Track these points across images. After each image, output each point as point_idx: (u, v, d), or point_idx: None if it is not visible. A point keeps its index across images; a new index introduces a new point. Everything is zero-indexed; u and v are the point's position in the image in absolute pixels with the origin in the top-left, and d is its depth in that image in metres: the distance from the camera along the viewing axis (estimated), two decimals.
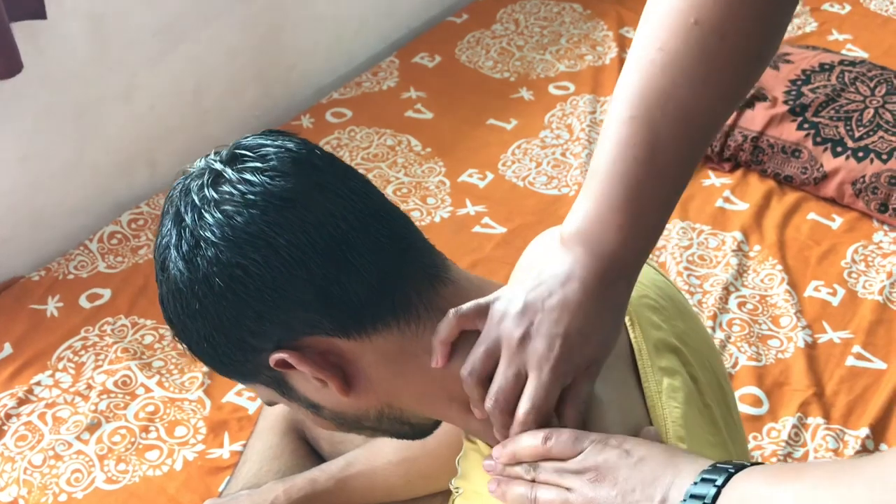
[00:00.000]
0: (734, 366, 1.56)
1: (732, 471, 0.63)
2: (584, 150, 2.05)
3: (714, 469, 0.64)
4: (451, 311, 0.75)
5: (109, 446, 1.48)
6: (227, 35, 2.05)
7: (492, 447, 0.79)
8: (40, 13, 1.64)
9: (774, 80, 2.00)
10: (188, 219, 0.73)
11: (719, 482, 0.62)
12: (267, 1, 2.11)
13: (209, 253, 0.71)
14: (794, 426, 1.46)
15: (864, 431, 1.45)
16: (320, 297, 0.72)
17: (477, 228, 1.87)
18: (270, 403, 0.84)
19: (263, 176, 0.72)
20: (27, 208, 1.82)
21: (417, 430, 0.83)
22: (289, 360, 0.73)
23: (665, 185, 0.75)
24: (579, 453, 0.70)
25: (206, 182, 0.73)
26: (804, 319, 1.64)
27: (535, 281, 0.74)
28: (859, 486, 0.54)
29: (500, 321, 0.74)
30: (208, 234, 0.72)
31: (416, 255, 0.77)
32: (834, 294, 1.70)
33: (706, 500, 0.62)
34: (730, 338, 1.61)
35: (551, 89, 2.26)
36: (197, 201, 0.73)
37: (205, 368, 1.59)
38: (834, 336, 1.62)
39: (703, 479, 0.63)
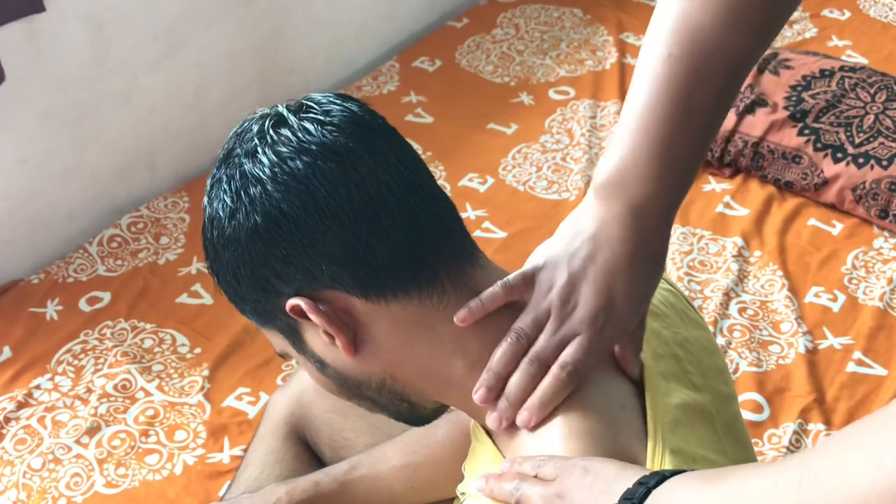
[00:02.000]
0: (735, 371, 1.56)
1: (667, 475, 0.64)
2: (584, 154, 2.05)
3: (652, 475, 0.65)
4: (499, 282, 0.77)
5: (109, 450, 1.47)
6: (227, 38, 2.05)
7: (490, 434, 0.80)
8: (37, 5, 1.62)
9: (775, 86, 2.01)
10: (243, 155, 0.76)
11: (651, 483, 0.63)
12: (267, 4, 2.11)
13: (254, 190, 0.74)
14: (795, 432, 1.46)
15: None
16: (347, 253, 0.74)
17: (477, 233, 1.87)
18: (282, 355, 0.85)
19: (323, 129, 0.76)
20: (27, 211, 1.82)
21: (416, 411, 0.84)
22: (304, 308, 0.75)
23: (701, 128, 0.76)
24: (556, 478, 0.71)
25: (267, 124, 0.77)
26: (805, 325, 1.64)
27: (576, 241, 0.77)
28: (784, 481, 0.54)
29: (548, 292, 0.76)
30: (258, 172, 0.75)
31: (452, 235, 0.79)
32: (834, 300, 1.70)
33: (634, 500, 0.63)
34: (730, 343, 1.61)
35: (551, 94, 2.26)
36: (256, 140, 0.76)
37: (205, 372, 1.59)
38: (835, 342, 1.62)
39: (637, 483, 0.64)
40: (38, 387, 1.57)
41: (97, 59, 1.82)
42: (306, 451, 1.27)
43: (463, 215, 1.87)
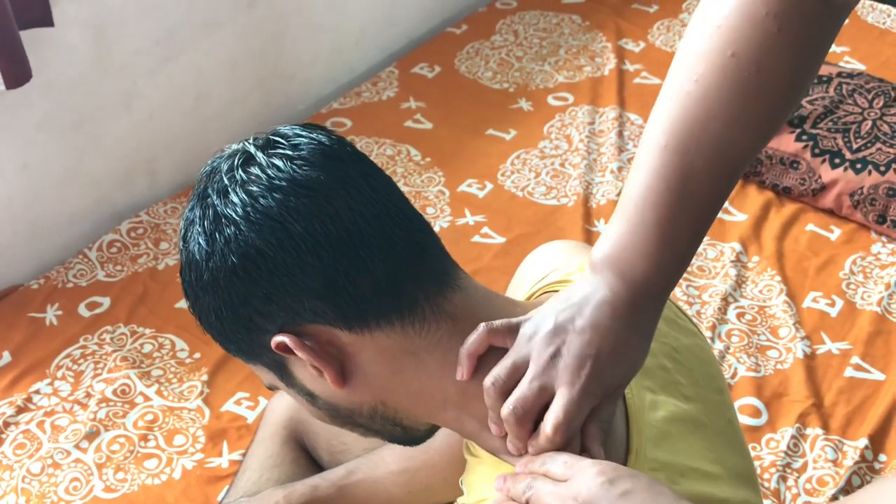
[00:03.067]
0: (733, 376, 1.56)
1: None
2: (582, 160, 2.05)
3: None
4: (482, 325, 0.76)
5: (108, 455, 1.47)
6: (227, 45, 2.06)
7: (491, 452, 0.80)
8: (47, 20, 1.64)
9: None
10: (214, 195, 0.76)
11: None
12: (267, 11, 2.12)
13: (228, 231, 0.74)
14: (793, 437, 1.47)
15: (863, 442, 1.45)
16: (327, 286, 0.74)
17: (476, 238, 1.88)
18: (271, 387, 0.85)
19: (292, 164, 0.75)
20: (27, 216, 1.82)
21: (409, 433, 0.84)
22: (289, 345, 0.75)
23: (696, 214, 0.76)
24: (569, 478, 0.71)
25: (236, 163, 0.76)
26: (803, 330, 1.65)
27: (564, 303, 0.76)
28: None
29: (530, 339, 0.75)
30: (230, 213, 0.74)
31: (429, 258, 0.78)
32: (832, 305, 1.70)
33: None
34: (729, 348, 1.61)
35: (550, 100, 2.27)
36: (225, 180, 0.76)
37: (204, 377, 1.59)
38: (832, 347, 1.62)
39: None
40: (37, 391, 1.58)
41: (98, 64, 1.82)
42: (304, 455, 1.27)
43: (462, 221, 1.90)
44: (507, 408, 0.74)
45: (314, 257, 0.73)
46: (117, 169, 1.95)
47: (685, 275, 1.75)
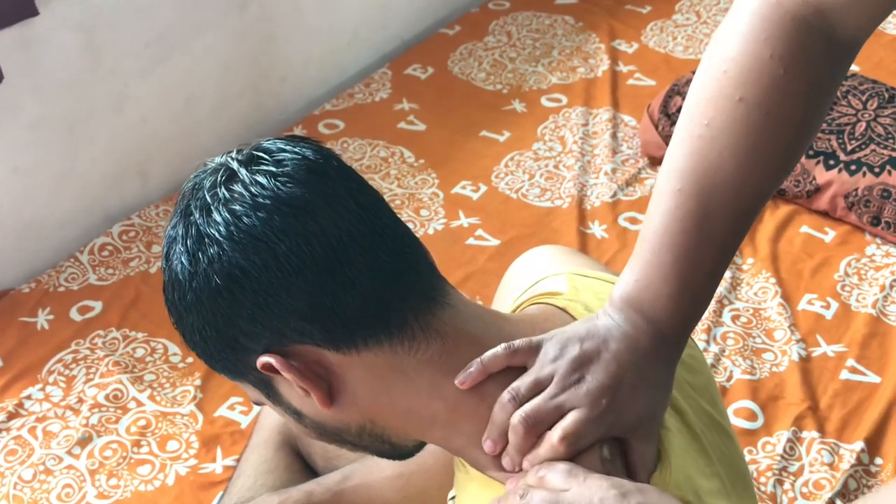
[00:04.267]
0: (728, 379, 1.56)
1: None
2: (576, 162, 2.05)
3: None
4: (503, 344, 0.76)
5: (101, 461, 1.46)
6: (219, 46, 2.05)
7: (478, 469, 0.79)
8: (30, 10, 1.62)
9: None
10: (196, 214, 0.74)
11: None
12: (259, 12, 2.11)
13: (211, 250, 0.73)
14: (789, 440, 1.46)
15: (859, 445, 1.45)
16: (313, 307, 0.72)
17: (470, 240, 1.87)
18: (258, 403, 0.84)
19: (276, 181, 0.73)
20: (17, 220, 1.81)
21: (398, 450, 0.83)
22: (275, 365, 0.74)
23: (713, 255, 0.77)
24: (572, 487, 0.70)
25: (219, 180, 0.74)
26: (798, 333, 1.64)
27: (588, 332, 0.76)
28: None
29: (555, 360, 0.75)
30: (213, 232, 0.73)
31: (417, 275, 0.77)
32: (827, 307, 1.70)
33: None
34: (724, 351, 1.61)
35: (544, 101, 2.26)
36: (208, 198, 0.74)
37: (197, 382, 1.58)
38: (828, 349, 1.62)
39: None
40: (28, 397, 1.56)
41: (89, 66, 1.81)
42: (299, 460, 1.26)
43: (455, 223, 1.89)
44: (519, 415, 0.74)
45: (299, 278, 0.72)
46: (109, 171, 1.94)
47: None
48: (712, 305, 1.69)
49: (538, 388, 0.75)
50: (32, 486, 1.43)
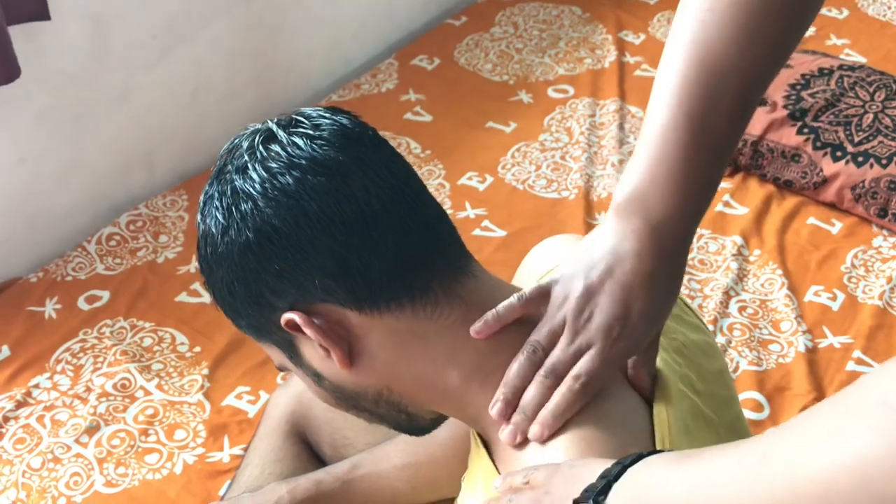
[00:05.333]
0: (735, 370, 1.56)
1: (628, 462, 0.64)
2: (583, 153, 2.04)
3: (630, 455, 0.65)
4: (515, 295, 0.77)
5: (108, 449, 1.47)
6: (225, 37, 2.05)
7: (488, 440, 0.79)
8: (43, 14, 1.63)
9: (774, 85, 2.00)
10: (233, 171, 0.76)
11: (627, 462, 0.64)
12: (266, 4, 2.10)
13: (245, 206, 0.75)
14: None
15: None
16: (339, 266, 0.74)
17: (477, 231, 1.87)
18: (282, 368, 0.86)
19: (313, 143, 0.76)
20: (25, 210, 1.81)
21: (414, 421, 0.84)
22: (298, 322, 0.75)
23: (717, 145, 0.77)
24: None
25: (257, 140, 0.77)
26: (805, 324, 1.64)
27: (590, 257, 0.77)
28: (749, 456, 0.55)
29: (563, 303, 0.76)
30: (248, 188, 0.75)
31: (443, 245, 0.78)
32: (834, 299, 1.70)
33: (610, 477, 0.63)
34: (730, 342, 1.61)
35: (550, 92, 2.26)
36: (245, 156, 0.76)
37: (205, 371, 1.59)
38: (834, 341, 1.62)
39: (615, 463, 0.65)
40: (37, 386, 1.57)
41: (95, 57, 1.81)
42: (307, 449, 1.26)
43: (462, 214, 1.89)
44: (546, 368, 0.75)
45: (328, 236, 0.74)
46: (116, 162, 1.94)
47: (686, 268, 1.74)
48: (719, 297, 1.69)
49: (554, 336, 0.76)
50: (41, 475, 1.43)
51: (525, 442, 0.76)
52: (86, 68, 1.80)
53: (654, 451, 0.66)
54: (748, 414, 1.48)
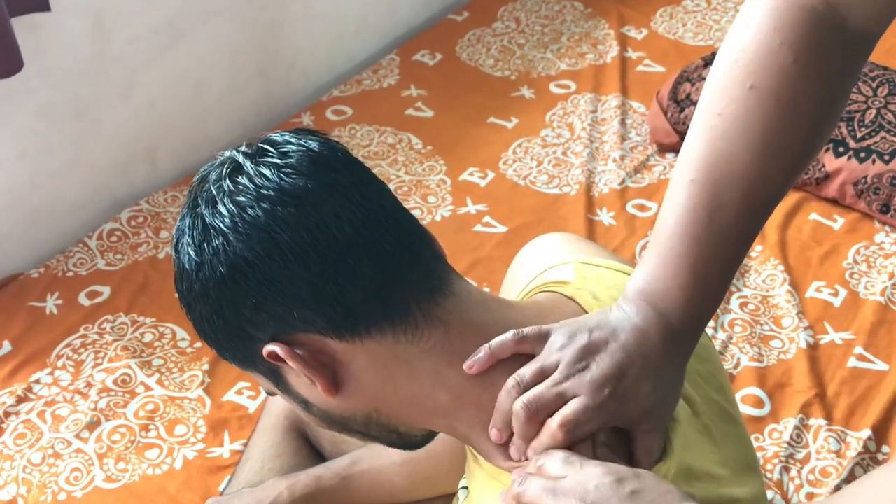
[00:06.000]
0: (736, 367, 1.56)
1: None
2: (584, 148, 2.04)
3: None
4: (512, 331, 0.76)
5: (109, 445, 1.47)
6: (227, 32, 2.05)
7: (485, 457, 0.79)
8: (44, 5, 1.63)
9: None
10: (203, 206, 0.76)
11: None
12: None
13: (216, 241, 0.74)
14: (796, 427, 1.46)
15: (866, 433, 1.45)
16: (315, 296, 0.73)
17: (478, 227, 1.87)
18: (271, 393, 0.85)
19: (280, 172, 0.75)
20: (26, 205, 1.82)
21: (406, 439, 0.84)
22: (280, 354, 0.75)
23: (726, 247, 0.77)
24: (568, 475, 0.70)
25: (224, 172, 0.76)
26: (806, 320, 1.64)
27: (598, 323, 0.76)
28: None
29: (562, 348, 0.75)
30: (218, 223, 0.74)
31: (420, 265, 0.77)
32: (836, 295, 1.69)
33: None
34: (731, 338, 1.61)
35: (552, 88, 2.26)
36: (213, 191, 0.76)
37: (205, 367, 1.59)
38: (836, 337, 1.62)
39: None
40: (37, 381, 1.57)
41: (97, 52, 1.81)
42: (307, 445, 1.27)
43: (463, 210, 1.89)
44: (521, 401, 0.74)
45: (301, 267, 0.73)
46: (117, 157, 1.94)
47: None
48: None
49: (543, 375, 0.75)
50: (41, 470, 1.44)
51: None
52: (87, 64, 1.80)
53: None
54: (749, 410, 1.48)
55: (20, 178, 1.78)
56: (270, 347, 0.75)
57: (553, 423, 0.73)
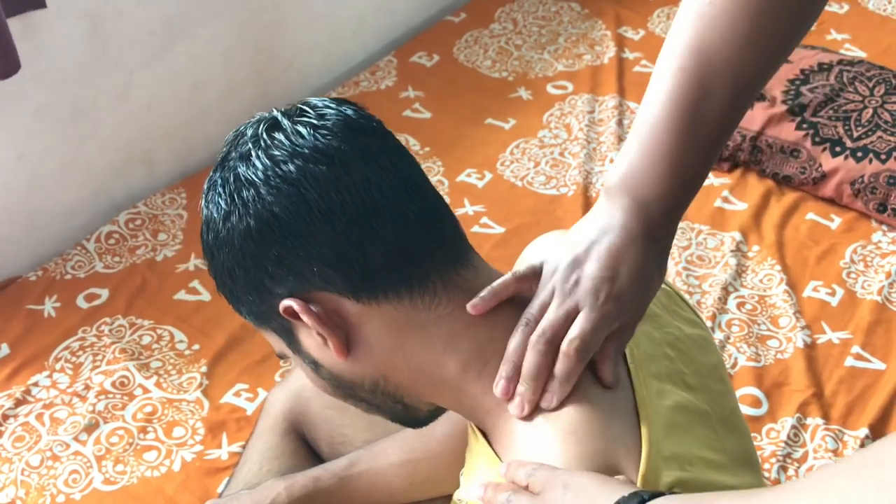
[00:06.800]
0: (733, 366, 1.56)
1: (646, 497, 0.64)
2: (582, 149, 2.04)
3: (631, 496, 0.65)
4: (509, 273, 0.78)
5: (107, 447, 1.47)
6: (224, 34, 2.05)
7: (485, 431, 0.80)
8: (39, 2, 1.63)
9: (773, 80, 2.00)
10: (237, 158, 0.77)
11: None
12: (265, 0, 2.10)
13: (247, 193, 0.76)
14: (794, 427, 1.46)
15: (864, 432, 1.45)
16: (338, 255, 0.75)
17: (475, 228, 1.87)
18: (281, 356, 0.86)
19: (316, 132, 0.76)
20: (24, 208, 1.82)
21: (411, 412, 0.84)
22: (296, 309, 0.76)
23: (709, 135, 0.79)
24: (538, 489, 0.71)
25: (261, 128, 0.78)
26: (803, 320, 1.64)
27: (578, 235, 0.79)
28: None
29: (552, 275, 0.78)
30: (251, 175, 0.76)
31: (443, 237, 0.79)
32: (833, 294, 1.70)
33: None
34: (729, 338, 1.61)
35: (549, 89, 2.26)
36: (249, 144, 0.77)
37: (203, 369, 1.59)
38: (833, 336, 1.62)
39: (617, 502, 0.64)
40: (36, 384, 1.57)
41: (94, 54, 1.81)
42: (305, 447, 1.26)
43: (461, 211, 1.89)
44: (537, 333, 0.76)
45: (327, 225, 0.74)
46: (115, 159, 1.94)
47: (685, 264, 1.75)
48: (717, 292, 1.69)
49: (545, 308, 0.77)
50: (40, 472, 1.44)
51: (513, 424, 0.76)
52: (84, 65, 1.80)
53: (658, 493, 0.66)
54: (747, 409, 1.48)
55: (18, 180, 1.78)
56: (287, 302, 0.76)
57: (564, 346, 0.75)
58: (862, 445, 1.43)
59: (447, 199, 1.92)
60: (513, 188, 1.97)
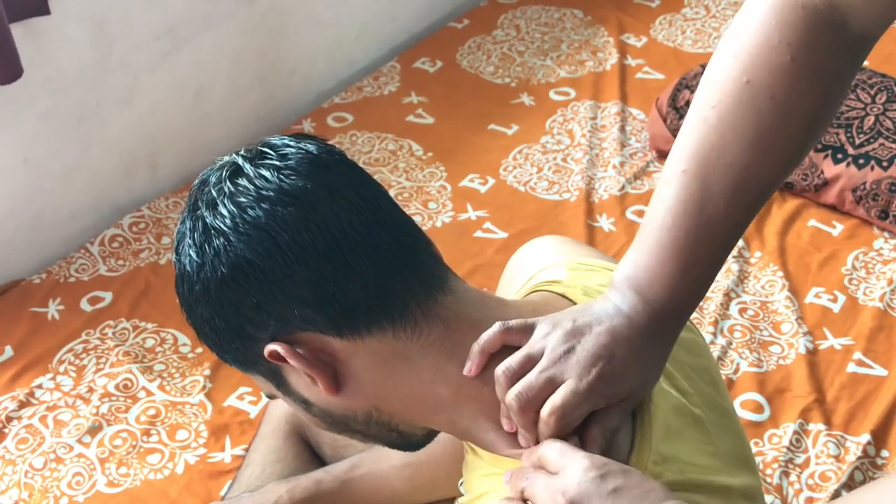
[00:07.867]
0: (735, 372, 1.57)
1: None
2: (584, 155, 2.05)
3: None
4: (498, 323, 0.77)
5: (111, 450, 1.47)
6: (228, 39, 2.05)
7: (487, 449, 0.80)
8: (43, 9, 1.63)
9: None
10: (203, 208, 0.77)
11: None
12: (269, 5, 2.11)
13: (217, 242, 0.75)
14: (796, 432, 1.47)
15: (866, 438, 1.45)
16: (316, 294, 0.74)
17: (478, 233, 1.87)
18: (271, 396, 0.86)
19: (279, 174, 0.76)
20: (28, 211, 1.82)
21: (406, 438, 0.84)
22: (281, 353, 0.76)
23: (714, 239, 0.77)
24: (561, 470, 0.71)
25: (224, 175, 0.77)
26: (805, 326, 1.65)
27: (582, 311, 0.77)
28: None
29: (546, 336, 0.76)
30: (219, 224, 0.75)
31: (418, 262, 0.78)
32: (835, 300, 1.70)
33: None
34: (731, 344, 1.61)
35: (552, 95, 2.27)
36: (214, 192, 0.77)
37: (206, 372, 1.59)
38: (835, 342, 1.62)
39: None
40: (39, 386, 1.57)
41: (99, 59, 1.82)
42: (307, 450, 1.27)
43: (463, 216, 1.90)
44: (511, 393, 0.75)
45: (302, 266, 0.74)
46: (119, 163, 1.95)
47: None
48: (720, 298, 1.69)
49: (530, 362, 0.75)
50: (43, 475, 1.44)
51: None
52: (89, 70, 1.81)
53: None
54: (748, 415, 1.49)
55: (22, 184, 1.79)
56: (272, 347, 0.76)
57: (544, 413, 0.73)
58: (864, 451, 1.44)
59: (450, 205, 1.95)
60: (515, 193, 1.98)
